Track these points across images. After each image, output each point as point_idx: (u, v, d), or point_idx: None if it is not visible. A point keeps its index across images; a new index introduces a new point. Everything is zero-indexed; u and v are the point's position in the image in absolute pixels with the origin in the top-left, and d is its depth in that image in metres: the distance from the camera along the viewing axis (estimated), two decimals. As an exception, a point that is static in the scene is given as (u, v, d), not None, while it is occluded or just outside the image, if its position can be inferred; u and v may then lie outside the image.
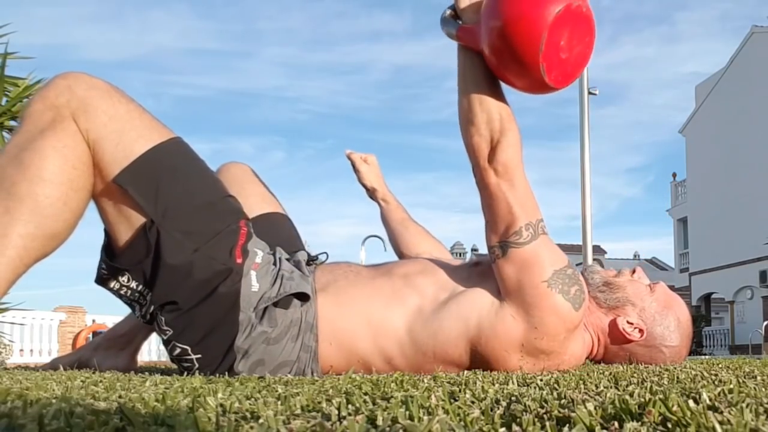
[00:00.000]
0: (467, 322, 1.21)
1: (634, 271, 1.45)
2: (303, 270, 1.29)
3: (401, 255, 1.67)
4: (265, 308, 1.19)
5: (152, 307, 1.18)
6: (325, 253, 1.44)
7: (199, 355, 1.19)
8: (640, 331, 1.36)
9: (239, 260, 1.19)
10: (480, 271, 1.29)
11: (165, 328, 1.18)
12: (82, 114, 1.12)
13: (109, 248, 1.21)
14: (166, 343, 1.21)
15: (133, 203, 1.14)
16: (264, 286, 1.20)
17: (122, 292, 1.19)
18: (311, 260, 1.39)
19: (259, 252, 1.25)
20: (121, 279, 1.18)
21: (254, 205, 1.54)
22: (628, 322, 1.36)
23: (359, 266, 1.38)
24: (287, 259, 1.32)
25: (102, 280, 1.20)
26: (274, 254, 1.30)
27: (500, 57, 1.17)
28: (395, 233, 1.69)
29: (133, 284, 1.18)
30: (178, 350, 1.19)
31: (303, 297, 1.23)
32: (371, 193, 1.76)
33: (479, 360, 1.22)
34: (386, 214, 1.73)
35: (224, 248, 1.19)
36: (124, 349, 1.59)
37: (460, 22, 1.26)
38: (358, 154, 1.77)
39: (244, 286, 1.18)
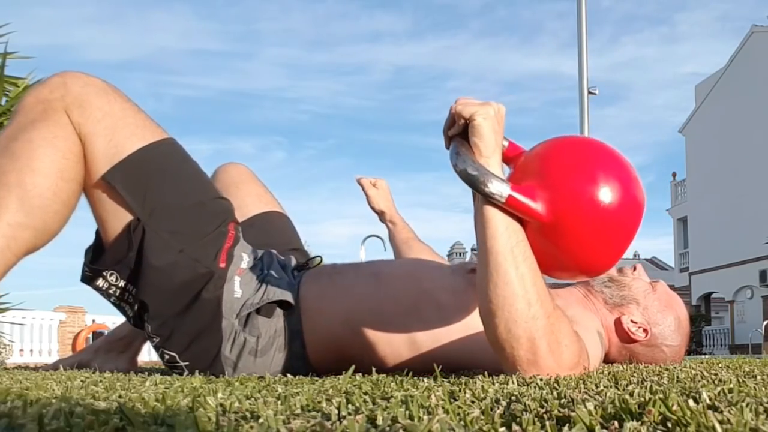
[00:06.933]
0: (472, 353, 1.15)
1: (634, 269, 1.43)
2: (290, 276, 1.28)
3: None
4: (248, 315, 1.18)
5: (137, 306, 1.18)
6: (320, 256, 1.43)
7: (187, 362, 1.19)
8: (645, 330, 1.34)
9: (222, 264, 1.18)
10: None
11: (152, 335, 1.19)
12: (76, 108, 1.11)
13: (97, 248, 1.20)
14: (156, 349, 1.22)
15: (122, 201, 1.14)
16: (247, 292, 1.19)
17: (110, 291, 1.19)
18: (303, 266, 1.36)
19: (245, 257, 1.23)
20: (109, 278, 1.17)
21: (251, 204, 1.54)
22: (632, 321, 1.34)
23: (345, 267, 1.33)
24: (278, 263, 1.31)
25: (88, 278, 1.20)
26: (262, 258, 1.28)
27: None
28: (400, 252, 1.76)
29: (121, 282, 1.17)
30: (167, 356, 1.20)
31: (287, 305, 1.21)
32: (380, 216, 1.84)
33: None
34: (393, 235, 1.81)
35: (209, 251, 1.18)
36: (124, 352, 1.59)
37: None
38: (368, 178, 1.84)
39: (227, 291, 1.17)
